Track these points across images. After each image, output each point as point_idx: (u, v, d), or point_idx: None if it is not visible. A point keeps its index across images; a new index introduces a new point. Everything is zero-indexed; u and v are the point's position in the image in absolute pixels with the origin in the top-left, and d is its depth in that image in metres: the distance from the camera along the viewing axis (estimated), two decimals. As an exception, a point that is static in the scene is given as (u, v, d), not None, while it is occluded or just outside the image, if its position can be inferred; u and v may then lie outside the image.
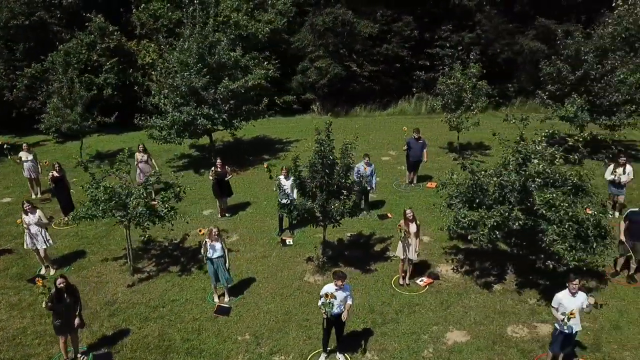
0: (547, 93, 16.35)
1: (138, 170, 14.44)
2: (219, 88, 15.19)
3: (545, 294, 9.94)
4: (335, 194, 9.82)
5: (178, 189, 10.44)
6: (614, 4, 20.46)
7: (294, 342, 8.88)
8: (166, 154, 18.59)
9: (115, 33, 19.72)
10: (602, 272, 10.71)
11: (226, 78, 15.27)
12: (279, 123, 22.54)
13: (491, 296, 10.06)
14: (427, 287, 10.38)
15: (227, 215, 13.58)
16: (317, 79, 22.08)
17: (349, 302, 8.12)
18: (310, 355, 8.56)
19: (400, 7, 22.22)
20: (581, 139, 9.75)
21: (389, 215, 13.49)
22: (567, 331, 7.65)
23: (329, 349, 8.51)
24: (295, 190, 11.16)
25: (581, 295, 7.63)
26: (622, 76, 14.88)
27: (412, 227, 9.99)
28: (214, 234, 9.59)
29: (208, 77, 15.15)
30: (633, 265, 10.43)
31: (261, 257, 11.64)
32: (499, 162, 10.17)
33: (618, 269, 10.65)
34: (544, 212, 8.91)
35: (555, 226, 8.75)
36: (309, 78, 22.35)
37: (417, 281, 10.55)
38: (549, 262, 9.28)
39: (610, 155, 13.66)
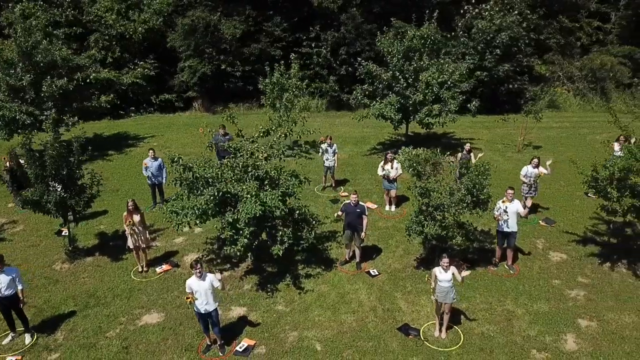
0: (366, 92, 17.03)
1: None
2: (42, 86, 15.74)
3: (265, 280, 10.66)
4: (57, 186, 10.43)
5: None
6: (462, 10, 21.31)
7: (-1, 324, 9.50)
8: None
9: (-26, 32, 20.32)
10: (336, 259, 11.43)
11: (48, 77, 15.80)
12: (152, 120, 23.16)
13: (217, 282, 10.72)
14: (164, 274, 11.04)
15: (28, 207, 14.13)
16: (188, 77, 22.70)
17: (19, 286, 8.74)
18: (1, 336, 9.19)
19: (269, 7, 22.85)
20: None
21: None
22: (202, 312, 8.33)
23: (19, 329, 9.14)
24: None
25: (209, 277, 8.28)
26: (422, 78, 15.57)
27: (136, 218, 10.64)
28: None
29: (30, 75, 15.70)
30: (357, 252, 11.14)
31: (30, 246, 12.25)
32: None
33: (347, 257, 11.35)
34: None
35: (227, 214, 9.44)
36: (182, 77, 22.95)
37: (157, 269, 11.20)
38: (225, 248, 9.95)
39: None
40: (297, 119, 16.79)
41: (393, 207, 13.70)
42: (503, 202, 10.38)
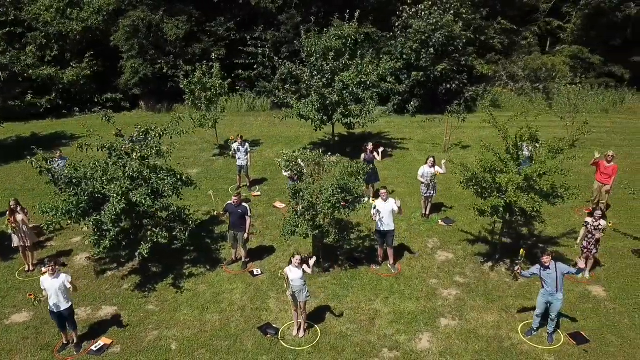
0: (289, 92, 17.07)
1: None
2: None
3: (146, 279, 10.72)
4: None
5: None
6: (398, 12, 21.39)
7: None
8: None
9: None
10: (224, 259, 11.49)
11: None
12: (96, 119, 23.02)
13: (95, 281, 10.76)
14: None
15: None
16: (129, 77, 22.74)
17: None
18: None
19: (213, 7, 22.90)
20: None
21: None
22: (55, 310, 8.40)
23: None
24: None
25: (62, 277, 8.36)
26: (337, 78, 15.60)
27: (19, 216, 10.70)
28: None
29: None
30: (243, 252, 11.20)
31: None
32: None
33: (234, 257, 11.41)
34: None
35: (88, 217, 9.53)
36: (124, 77, 22.98)
37: (42, 268, 11.23)
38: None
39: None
40: (219, 118, 16.85)
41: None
42: (373, 201, 10.47)
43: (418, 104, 21.74)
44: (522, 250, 8.89)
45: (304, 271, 8.64)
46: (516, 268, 8.91)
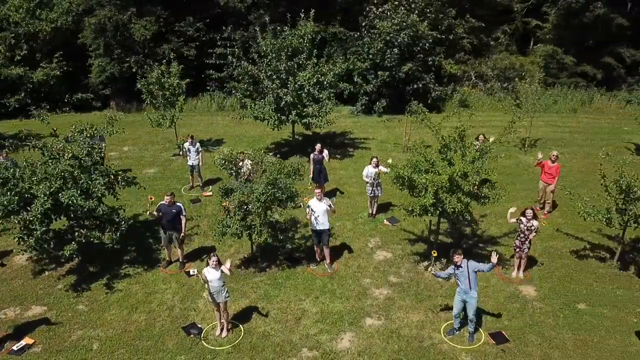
0: (247, 92, 17.06)
1: None
2: None
3: (82, 279, 10.75)
4: None
5: None
6: (364, 12, 21.42)
7: None
8: None
9: None
10: (162, 259, 11.50)
11: None
12: (65, 119, 23.13)
13: (31, 281, 10.77)
14: (-11, 273, 11.11)
15: None
16: (95, 76, 22.77)
17: None
18: None
19: (181, 7, 22.93)
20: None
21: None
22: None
23: None
24: None
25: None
26: (291, 79, 15.61)
27: (-46, 217, 10.73)
28: None
29: None
30: (179, 252, 11.21)
31: None
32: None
33: (170, 259, 11.40)
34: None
35: (13, 216, 9.56)
36: (91, 76, 23.02)
37: (-25, 269, 11.27)
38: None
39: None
40: (177, 117, 16.88)
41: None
42: (306, 200, 10.52)
43: (385, 104, 21.78)
44: (433, 252, 8.92)
45: (222, 272, 8.66)
46: (430, 270, 8.96)
